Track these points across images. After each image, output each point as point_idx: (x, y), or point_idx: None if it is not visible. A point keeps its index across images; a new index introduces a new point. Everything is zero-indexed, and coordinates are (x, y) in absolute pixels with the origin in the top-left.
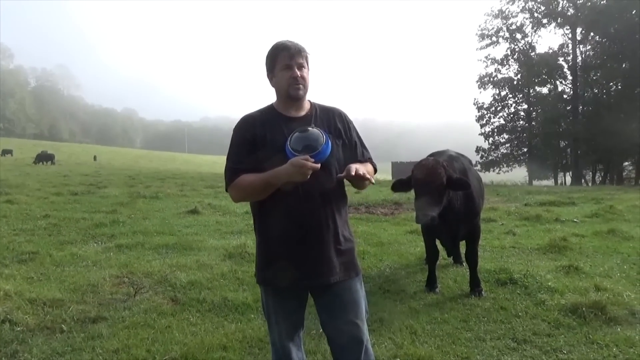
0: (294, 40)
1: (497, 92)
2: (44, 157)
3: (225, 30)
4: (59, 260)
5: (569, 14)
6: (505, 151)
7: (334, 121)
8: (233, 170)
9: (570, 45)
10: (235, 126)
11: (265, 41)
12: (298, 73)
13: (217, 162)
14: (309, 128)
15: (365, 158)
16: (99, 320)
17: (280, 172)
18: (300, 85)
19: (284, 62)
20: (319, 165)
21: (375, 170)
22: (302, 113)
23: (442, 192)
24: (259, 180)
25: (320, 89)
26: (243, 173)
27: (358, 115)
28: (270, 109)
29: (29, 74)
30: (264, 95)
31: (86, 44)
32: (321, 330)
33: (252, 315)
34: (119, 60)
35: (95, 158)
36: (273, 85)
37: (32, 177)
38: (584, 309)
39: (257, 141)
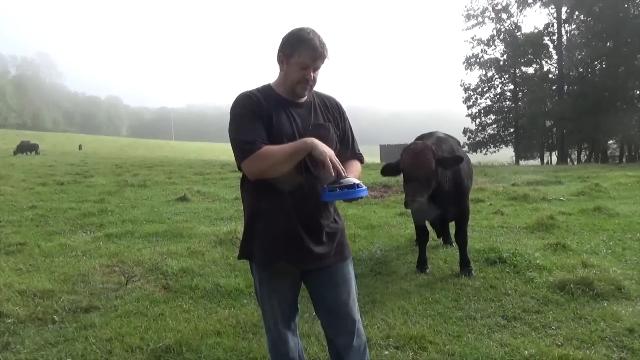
0: (321, 37)
1: (484, 72)
2: (27, 147)
3: (210, 15)
4: (47, 250)
5: None
6: (492, 132)
7: (331, 109)
8: (252, 142)
9: (555, 25)
10: (237, 102)
11: (251, 27)
12: (312, 77)
13: (204, 149)
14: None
15: (356, 152)
16: (91, 309)
17: (311, 143)
18: (309, 87)
19: (304, 61)
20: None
21: (362, 162)
22: (303, 99)
23: (431, 177)
24: (287, 147)
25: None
26: (263, 146)
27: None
28: (269, 90)
29: (9, 63)
30: (251, 82)
31: (66, 30)
32: (314, 313)
33: (245, 301)
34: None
35: (80, 147)
36: (281, 68)
37: (16, 167)
38: (571, 285)
39: (264, 120)
